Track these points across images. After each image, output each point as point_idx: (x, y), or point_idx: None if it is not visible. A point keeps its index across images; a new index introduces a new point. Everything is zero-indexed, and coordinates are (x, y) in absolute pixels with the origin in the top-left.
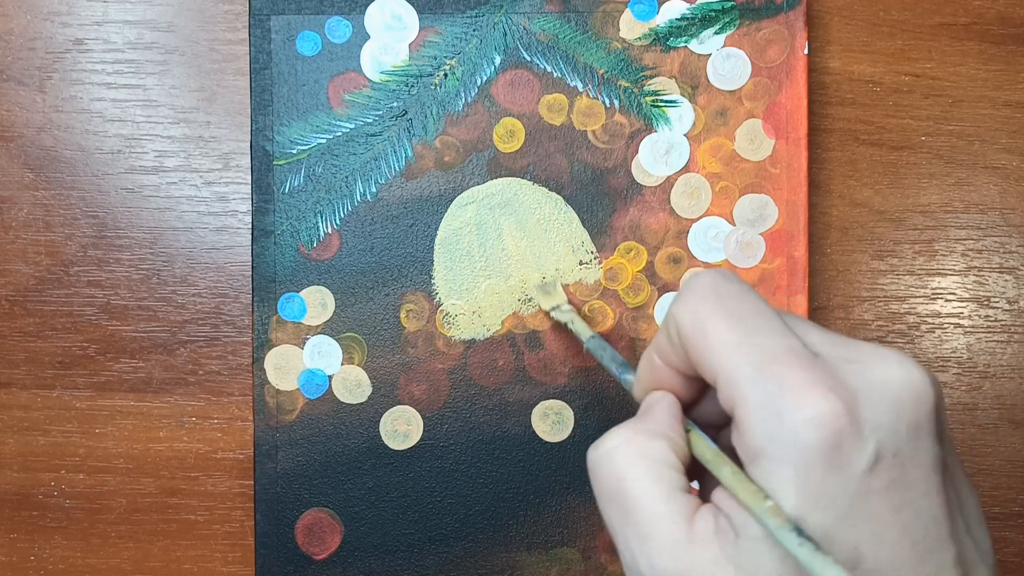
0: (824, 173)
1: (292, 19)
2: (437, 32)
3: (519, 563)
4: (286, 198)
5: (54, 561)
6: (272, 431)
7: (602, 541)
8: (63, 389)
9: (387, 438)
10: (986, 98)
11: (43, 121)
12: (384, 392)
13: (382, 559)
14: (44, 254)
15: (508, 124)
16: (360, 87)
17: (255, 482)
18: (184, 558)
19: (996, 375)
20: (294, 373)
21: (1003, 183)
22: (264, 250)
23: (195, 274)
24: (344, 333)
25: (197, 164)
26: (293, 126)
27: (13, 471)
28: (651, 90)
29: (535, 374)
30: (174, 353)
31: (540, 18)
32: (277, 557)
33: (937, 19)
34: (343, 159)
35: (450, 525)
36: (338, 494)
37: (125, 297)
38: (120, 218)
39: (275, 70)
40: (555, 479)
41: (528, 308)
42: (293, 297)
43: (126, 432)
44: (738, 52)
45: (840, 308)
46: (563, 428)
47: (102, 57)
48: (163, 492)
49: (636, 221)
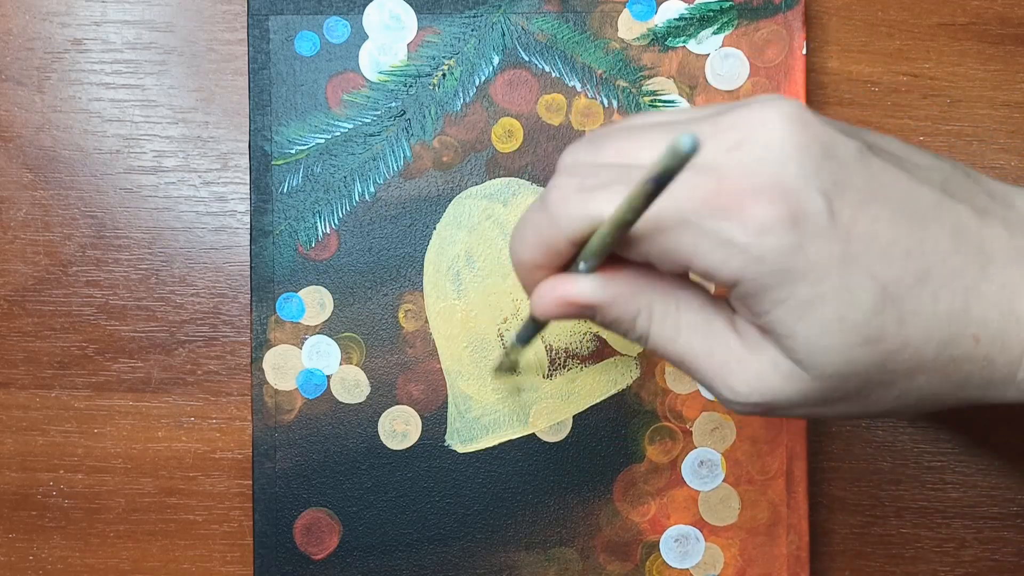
0: None
1: (290, 19)
2: (435, 32)
3: (517, 563)
4: (284, 198)
5: (53, 561)
6: (271, 431)
7: (600, 541)
8: (62, 389)
9: (385, 438)
10: (984, 98)
11: (41, 121)
12: (382, 392)
13: (381, 559)
14: (43, 254)
15: (506, 124)
16: (358, 87)
17: (254, 482)
18: (183, 558)
19: None
20: (292, 373)
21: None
22: (263, 250)
23: (194, 274)
24: (342, 333)
25: (196, 164)
26: (291, 126)
27: (12, 471)
28: (649, 90)
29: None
30: (173, 353)
31: (538, 18)
32: (276, 557)
33: (935, 19)
34: (342, 159)
35: (448, 525)
36: (336, 494)
37: (124, 297)
38: (119, 218)
39: (273, 70)
40: (553, 479)
41: (527, 306)
42: (291, 297)
43: (125, 432)
44: (736, 52)
45: None
46: (562, 428)
47: (100, 57)
48: (162, 492)
49: None
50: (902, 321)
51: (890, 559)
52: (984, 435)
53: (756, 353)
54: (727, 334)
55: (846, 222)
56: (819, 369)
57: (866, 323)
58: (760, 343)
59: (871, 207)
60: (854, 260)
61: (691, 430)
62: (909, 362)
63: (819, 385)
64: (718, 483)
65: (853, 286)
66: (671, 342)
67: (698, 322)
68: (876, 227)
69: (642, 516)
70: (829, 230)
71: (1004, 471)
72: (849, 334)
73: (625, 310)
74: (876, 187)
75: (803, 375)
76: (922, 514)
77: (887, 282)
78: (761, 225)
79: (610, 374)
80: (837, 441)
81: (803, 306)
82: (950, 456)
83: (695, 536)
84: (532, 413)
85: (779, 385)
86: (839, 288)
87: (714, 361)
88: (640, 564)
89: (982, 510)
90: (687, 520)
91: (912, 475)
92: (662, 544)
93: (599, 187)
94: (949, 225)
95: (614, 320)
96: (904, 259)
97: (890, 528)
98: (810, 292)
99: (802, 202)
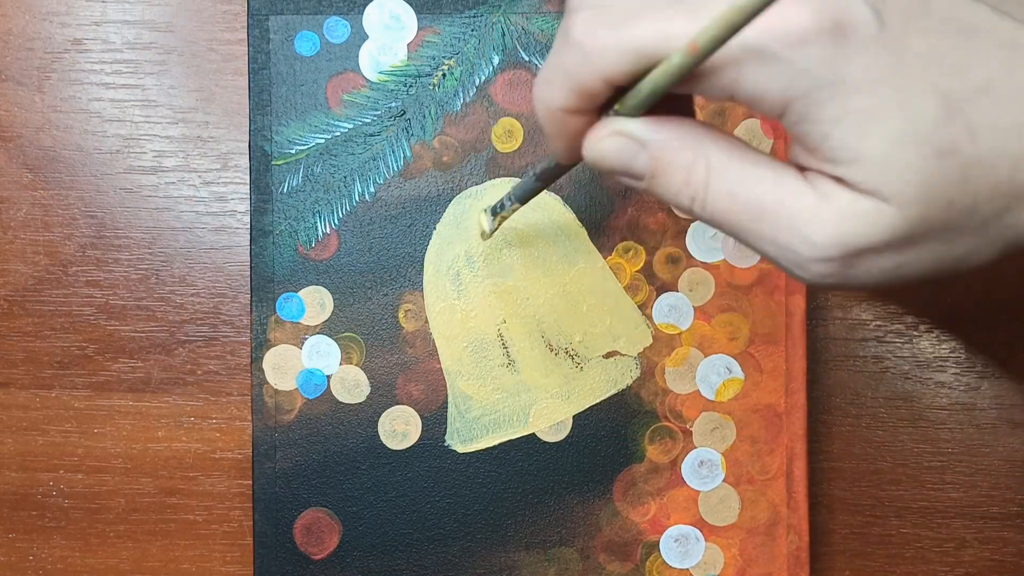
0: None
1: (290, 19)
2: (435, 32)
3: (517, 563)
4: (285, 198)
5: (52, 561)
6: (271, 431)
7: (600, 541)
8: (62, 389)
9: (385, 438)
10: None
11: (41, 121)
12: (382, 392)
13: (380, 559)
14: (43, 254)
15: (506, 124)
16: (358, 87)
17: (253, 482)
18: (183, 558)
19: (995, 375)
20: (292, 373)
21: None
22: (263, 250)
23: (194, 274)
24: (342, 333)
25: (196, 164)
26: (291, 126)
27: (12, 471)
28: None
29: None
30: (173, 353)
31: (538, 18)
32: (275, 557)
33: None
34: (341, 159)
35: (448, 525)
36: (336, 494)
37: (124, 297)
38: (119, 218)
39: (273, 70)
40: (553, 479)
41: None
42: (291, 297)
43: (125, 432)
44: None
45: (838, 308)
46: (562, 428)
47: (100, 57)
48: (162, 492)
49: (634, 221)
50: (972, 132)
51: (890, 559)
52: (983, 435)
53: (831, 200)
54: (797, 182)
55: (897, 32)
56: (898, 194)
57: (935, 133)
58: (834, 189)
59: (921, 19)
60: (910, 70)
61: (691, 430)
62: (988, 182)
63: (902, 215)
64: (718, 483)
65: (913, 96)
66: (732, 197)
67: (762, 173)
68: (929, 39)
69: (642, 516)
70: (879, 39)
71: (1004, 471)
72: (921, 145)
73: (680, 156)
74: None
75: (883, 207)
76: (922, 514)
77: (948, 92)
78: (803, 34)
79: (610, 374)
80: (837, 441)
81: (863, 120)
82: (950, 456)
83: (695, 536)
84: (532, 413)
85: (861, 226)
86: (898, 98)
87: (785, 212)
88: (640, 564)
89: (982, 510)
90: (687, 520)
91: (912, 475)
92: (662, 544)
93: (632, 16)
94: (1004, 39)
95: (665, 170)
96: (962, 70)
97: (890, 528)
98: (867, 104)
99: (847, 10)
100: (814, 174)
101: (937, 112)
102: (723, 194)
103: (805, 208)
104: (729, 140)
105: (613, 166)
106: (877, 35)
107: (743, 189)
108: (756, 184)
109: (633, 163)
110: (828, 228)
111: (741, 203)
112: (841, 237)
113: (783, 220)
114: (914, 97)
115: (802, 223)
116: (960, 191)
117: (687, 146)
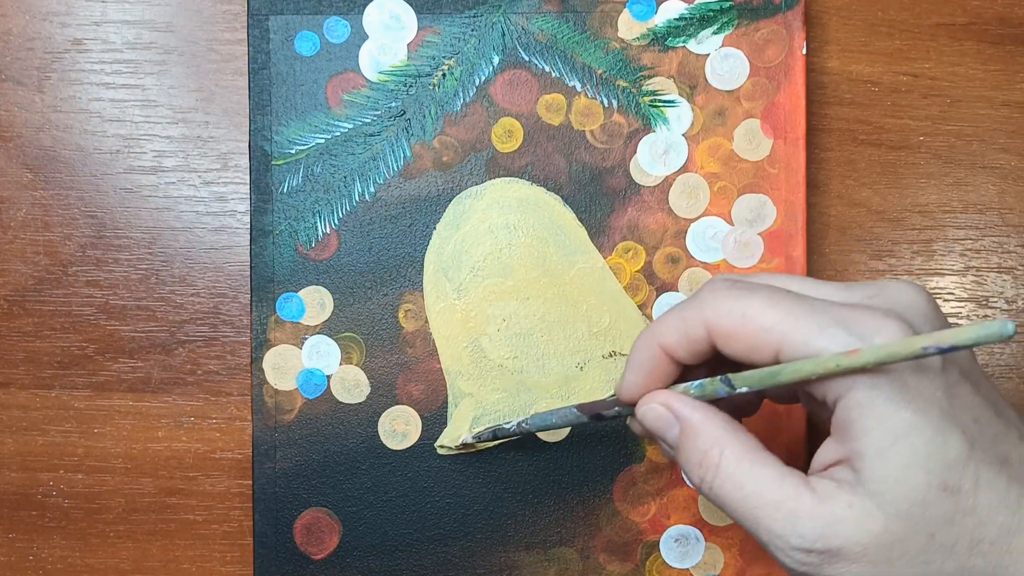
0: (822, 173)
1: (290, 19)
2: (435, 32)
3: (517, 563)
4: (285, 198)
5: (52, 561)
6: (270, 431)
7: (600, 541)
8: (62, 389)
9: (385, 438)
10: (984, 98)
11: (41, 121)
12: (382, 392)
13: (380, 559)
14: (43, 254)
15: (506, 124)
16: (358, 87)
17: (253, 482)
18: (183, 558)
19: (995, 375)
20: (292, 373)
21: (1001, 183)
22: (263, 250)
23: (193, 274)
24: (342, 333)
25: (196, 164)
26: (291, 126)
27: (12, 471)
28: (649, 90)
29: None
30: (172, 353)
31: (538, 18)
32: (275, 557)
33: (935, 19)
34: (342, 159)
35: (448, 525)
36: (336, 494)
37: (124, 297)
38: (119, 218)
39: (273, 70)
40: (553, 479)
41: (526, 306)
42: (291, 297)
43: (125, 432)
44: (736, 52)
45: None
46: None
47: (100, 57)
48: (161, 492)
49: (634, 221)
50: (978, 483)
51: None
52: None
53: (828, 502)
54: (799, 487)
55: (952, 382)
56: (894, 505)
57: (949, 469)
58: (834, 493)
59: (973, 395)
60: (953, 412)
61: None
62: (971, 535)
63: (886, 527)
64: None
65: (947, 431)
66: (738, 487)
67: (769, 472)
68: (975, 399)
69: (642, 516)
70: (935, 380)
71: None
72: (932, 475)
73: (700, 440)
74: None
75: (874, 513)
76: None
77: (975, 440)
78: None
79: (610, 374)
80: None
81: (898, 433)
82: None
83: (695, 536)
84: (532, 413)
85: (848, 527)
86: (935, 427)
87: (783, 509)
88: (640, 564)
89: None
90: (687, 520)
91: None
92: (662, 544)
93: (753, 292)
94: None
95: (687, 447)
96: (992, 440)
97: None
98: (909, 421)
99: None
100: (818, 478)
101: (960, 452)
102: (729, 482)
103: (802, 508)
104: (746, 440)
105: (652, 429)
106: (942, 373)
107: (749, 481)
108: (761, 480)
109: (667, 433)
110: (818, 524)
111: (745, 493)
112: (830, 536)
113: (779, 513)
114: (947, 432)
115: (796, 519)
116: (946, 527)
117: (709, 434)
